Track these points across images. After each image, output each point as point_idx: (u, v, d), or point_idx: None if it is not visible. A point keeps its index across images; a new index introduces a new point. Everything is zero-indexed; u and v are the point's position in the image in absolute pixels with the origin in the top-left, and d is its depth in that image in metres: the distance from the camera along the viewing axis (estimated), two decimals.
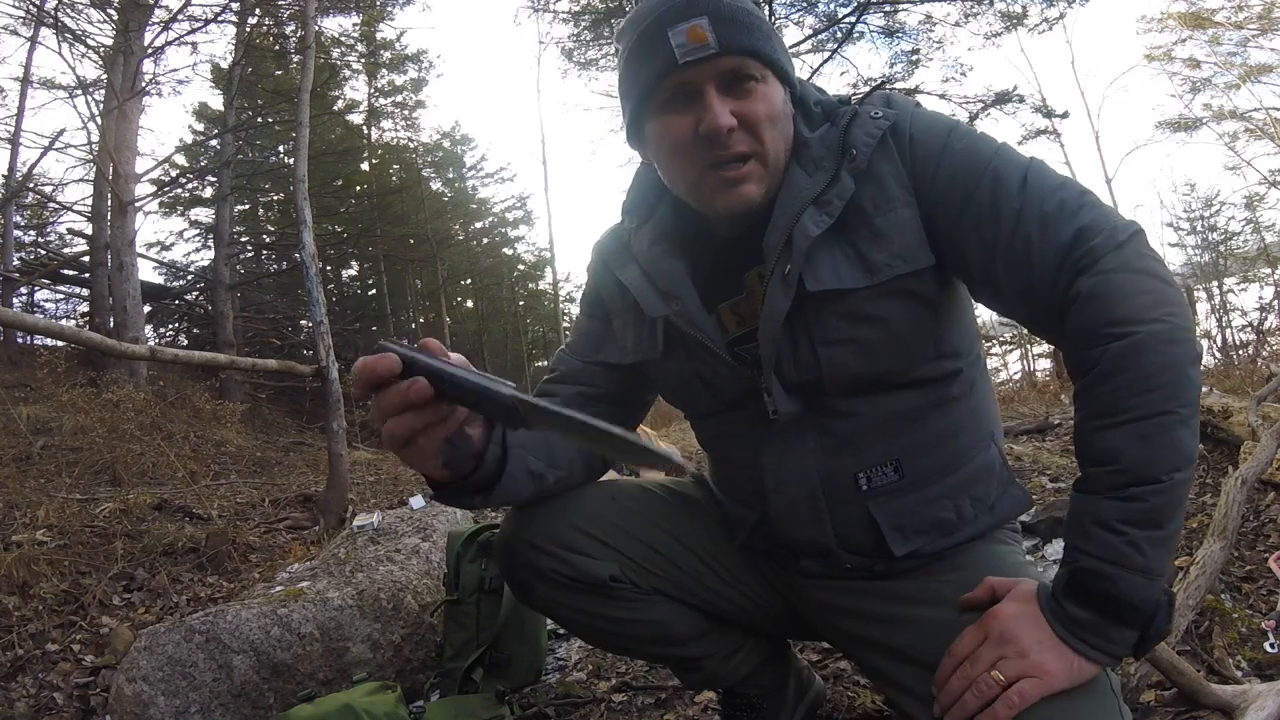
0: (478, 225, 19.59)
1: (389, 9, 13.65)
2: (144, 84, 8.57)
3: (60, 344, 7.70)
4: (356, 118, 15.92)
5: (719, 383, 0.95)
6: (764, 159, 0.85)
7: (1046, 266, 0.79)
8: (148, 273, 12.27)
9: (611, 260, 1.01)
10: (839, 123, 0.88)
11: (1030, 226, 0.80)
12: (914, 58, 9.59)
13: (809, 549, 0.98)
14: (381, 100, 16.29)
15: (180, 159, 12.33)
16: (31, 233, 11.61)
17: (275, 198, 14.79)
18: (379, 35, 14.62)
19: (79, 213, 9.79)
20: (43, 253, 11.25)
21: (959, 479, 0.93)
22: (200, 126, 14.40)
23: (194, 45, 9.51)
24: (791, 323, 0.87)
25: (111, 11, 8.35)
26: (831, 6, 9.13)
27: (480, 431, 0.79)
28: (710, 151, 0.84)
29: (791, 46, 9.00)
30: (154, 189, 9.70)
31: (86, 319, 9.96)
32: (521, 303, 20.07)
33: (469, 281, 18.98)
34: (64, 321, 10.33)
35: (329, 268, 16.37)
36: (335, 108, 14.21)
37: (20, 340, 8.92)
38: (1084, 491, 0.76)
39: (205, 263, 13.60)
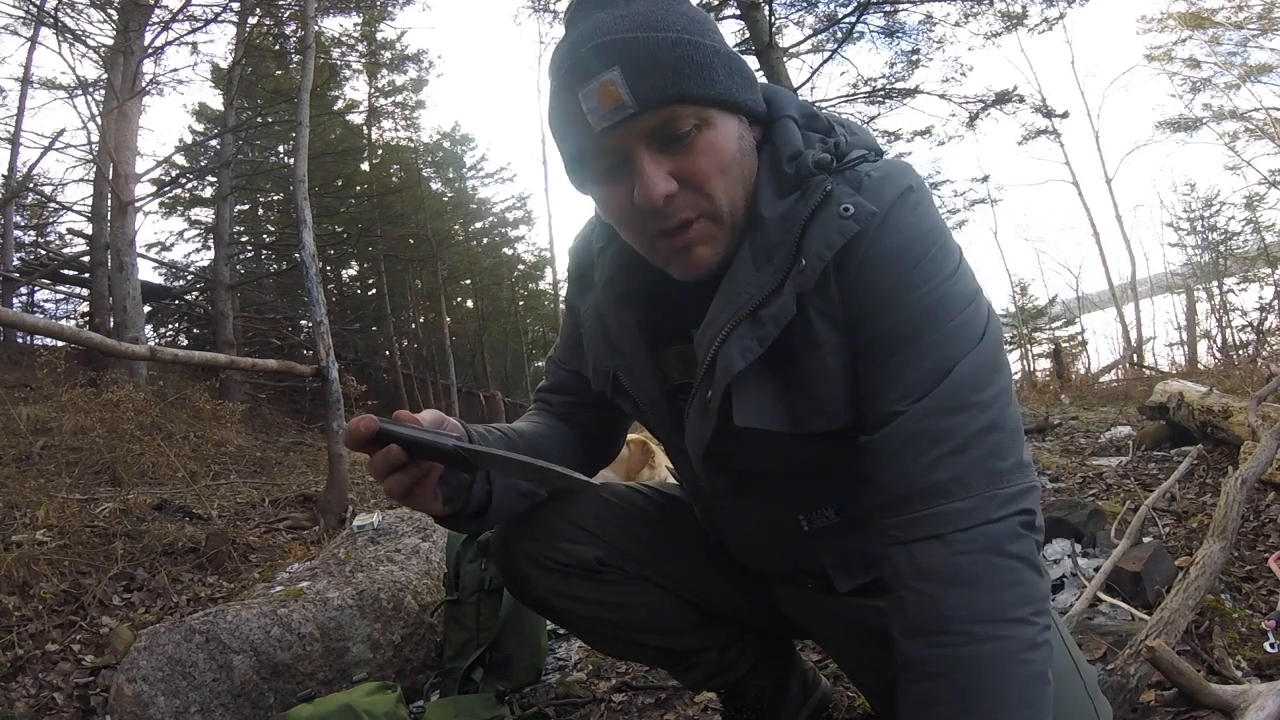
0: (478, 225, 19.56)
1: (389, 9, 13.64)
2: (144, 84, 8.57)
3: (60, 344, 7.70)
4: (356, 118, 15.92)
5: (661, 434, 0.97)
6: (716, 216, 0.75)
7: (895, 481, 0.71)
8: (148, 273, 12.25)
9: (577, 282, 0.99)
10: (808, 199, 0.74)
11: (911, 422, 0.70)
12: (914, 58, 9.56)
13: (769, 571, 1.01)
14: (381, 100, 16.28)
15: (180, 159, 12.33)
16: (31, 233, 11.60)
17: (275, 198, 14.79)
18: (379, 35, 14.60)
19: (79, 213, 9.80)
20: (43, 253, 11.24)
21: None
22: (200, 126, 14.39)
23: (194, 45, 9.52)
24: (718, 440, 0.84)
25: (111, 11, 8.35)
26: (831, 6, 9.09)
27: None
28: (653, 223, 0.74)
29: (791, 46, 8.99)
30: (154, 189, 9.72)
31: (86, 319, 9.96)
32: (521, 303, 20.05)
33: (469, 281, 18.95)
34: (64, 321, 10.33)
35: (329, 268, 16.37)
36: (335, 108, 14.21)
37: (20, 340, 8.92)
38: None
39: (205, 263, 13.62)
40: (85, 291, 10.31)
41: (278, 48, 10.95)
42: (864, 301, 0.74)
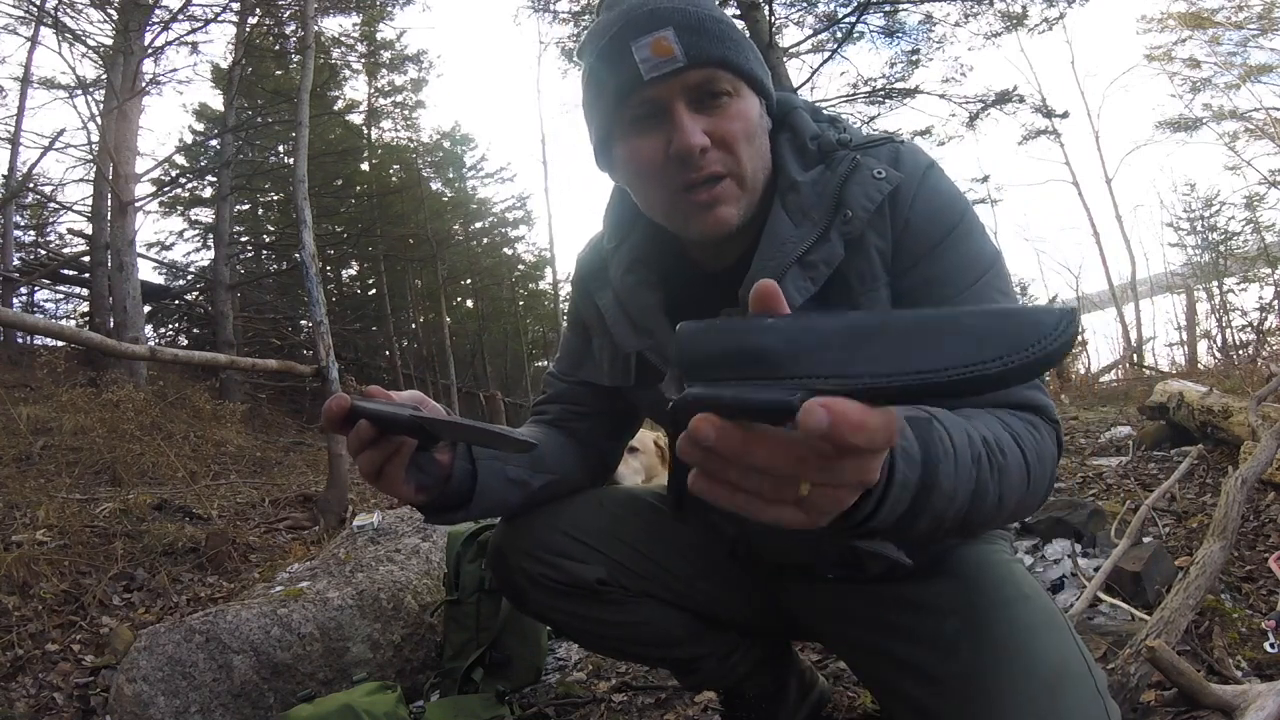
0: (478, 225, 19.55)
1: (389, 9, 13.64)
2: (144, 84, 8.58)
3: (60, 344, 7.71)
4: (356, 118, 15.92)
5: None
6: (740, 179, 0.80)
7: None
8: (148, 273, 12.21)
9: (589, 282, 0.99)
10: (835, 168, 0.82)
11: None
12: (914, 58, 9.58)
13: (789, 562, 0.99)
14: (381, 100, 16.29)
15: (180, 159, 12.32)
16: (31, 233, 11.60)
17: (275, 198, 14.79)
18: (379, 35, 14.61)
19: (79, 213, 9.82)
20: (43, 253, 11.24)
21: None
22: (200, 126, 14.39)
23: (194, 45, 9.53)
24: None
25: (111, 11, 8.36)
26: (831, 6, 9.11)
27: (448, 455, 0.82)
28: (682, 174, 0.78)
29: (791, 46, 8.99)
30: (154, 189, 9.72)
31: (86, 319, 9.96)
32: (521, 303, 20.05)
33: (469, 281, 18.95)
34: (64, 321, 10.33)
35: (329, 268, 16.37)
36: (335, 108, 14.20)
37: (20, 340, 8.92)
38: None
39: (205, 263, 13.62)
40: (85, 291, 10.31)
41: (278, 48, 10.96)
42: (914, 250, 0.81)
